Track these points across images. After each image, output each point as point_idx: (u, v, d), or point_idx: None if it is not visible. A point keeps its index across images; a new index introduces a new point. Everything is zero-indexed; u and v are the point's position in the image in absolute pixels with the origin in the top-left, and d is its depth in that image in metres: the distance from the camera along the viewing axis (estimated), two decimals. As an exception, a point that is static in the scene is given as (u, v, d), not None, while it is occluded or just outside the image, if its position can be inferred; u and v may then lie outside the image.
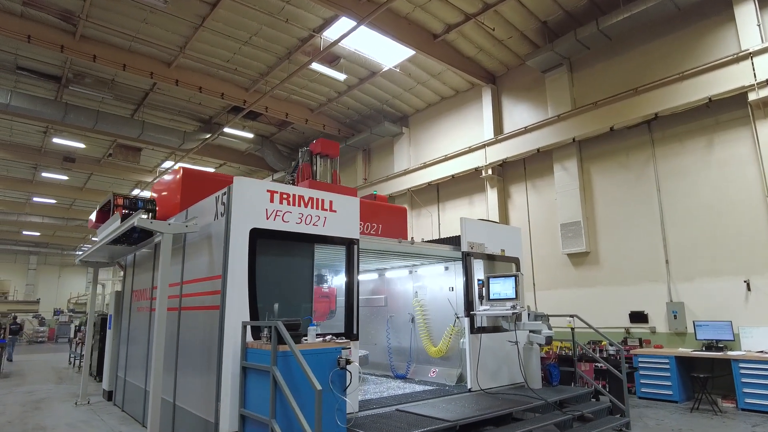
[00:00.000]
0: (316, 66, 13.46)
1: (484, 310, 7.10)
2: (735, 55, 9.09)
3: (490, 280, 7.36)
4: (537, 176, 12.76)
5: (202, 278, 6.02)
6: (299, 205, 5.80)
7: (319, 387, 3.88)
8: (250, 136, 18.89)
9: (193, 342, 6.06)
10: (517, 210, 13.14)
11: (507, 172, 13.57)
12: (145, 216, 6.51)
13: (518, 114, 13.30)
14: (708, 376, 8.36)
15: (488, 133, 13.58)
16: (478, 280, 7.57)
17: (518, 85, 13.52)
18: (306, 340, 4.70)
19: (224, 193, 5.57)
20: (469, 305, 7.44)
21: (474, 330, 7.36)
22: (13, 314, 23.43)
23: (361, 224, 8.27)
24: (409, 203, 16.12)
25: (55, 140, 19.24)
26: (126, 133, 16.63)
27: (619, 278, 10.73)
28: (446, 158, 14.56)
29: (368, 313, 10.18)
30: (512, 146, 12.80)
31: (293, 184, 8.93)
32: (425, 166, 15.26)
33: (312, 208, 5.90)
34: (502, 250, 8.29)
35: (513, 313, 6.62)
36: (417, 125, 16.54)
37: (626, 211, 10.81)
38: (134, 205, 7.83)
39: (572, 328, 7.80)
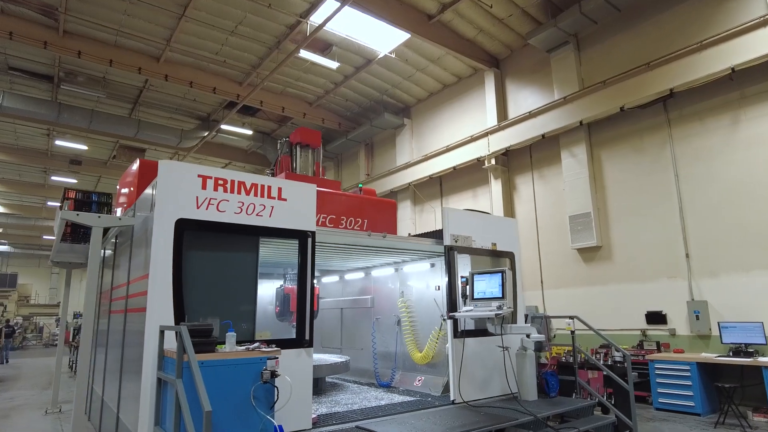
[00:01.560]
0: (307, 54, 12.75)
1: (466, 311, 6.21)
2: (762, 18, 7.95)
3: (475, 277, 6.47)
4: (544, 165, 11.74)
5: (138, 277, 5.34)
6: (239, 193, 5.04)
7: (207, 408, 3.11)
8: (249, 132, 18.34)
9: (132, 348, 5.39)
10: (523, 202, 12.14)
11: (512, 162, 12.58)
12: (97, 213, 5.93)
13: (523, 99, 12.31)
14: (736, 386, 7.27)
15: (492, 121, 12.63)
16: (462, 277, 6.69)
17: (523, 68, 12.52)
18: (224, 348, 3.93)
19: (158, 181, 4.87)
20: (452, 306, 6.56)
21: (457, 334, 6.47)
22: (6, 318, 23.79)
23: (343, 219, 7.59)
24: (412, 198, 15.27)
25: (58, 142, 19.11)
26: (122, 133, 16.29)
27: (634, 275, 9.66)
28: (447, 149, 13.66)
29: (354, 314, 9.39)
30: (516, 133, 11.82)
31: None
32: (426, 158, 14.39)
33: (255, 195, 5.14)
34: (494, 244, 7.37)
35: (496, 315, 5.71)
36: (419, 116, 15.68)
37: (641, 200, 9.73)
38: (89, 199, 7.27)
39: (572, 331, 6.83)
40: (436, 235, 7.12)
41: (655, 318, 9.14)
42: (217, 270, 4.99)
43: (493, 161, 12.32)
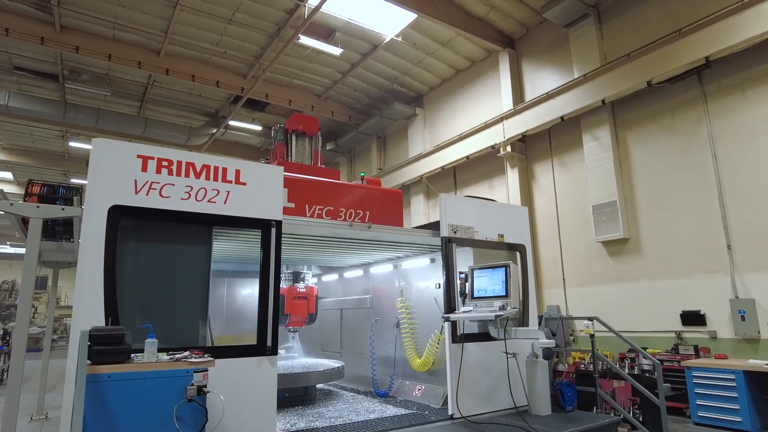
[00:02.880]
0: (308, 41, 12.08)
1: (464, 311, 5.35)
2: (815, -32, 6.83)
3: (475, 273, 5.61)
4: (564, 151, 10.72)
5: (83, 275, 4.72)
6: (187, 175, 4.35)
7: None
8: (259, 128, 17.84)
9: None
10: (542, 193, 11.14)
11: (530, 149, 11.59)
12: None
13: (541, 80, 11.30)
14: (790, 398, 6.18)
15: (507, 105, 11.66)
16: (460, 273, 5.83)
17: (540, 47, 11.52)
18: (140, 358, 3.21)
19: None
20: (450, 306, 5.72)
21: (456, 338, 5.63)
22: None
23: (342, 212, 6.85)
24: (425, 192, 14.41)
25: (72, 144, 19.04)
26: (129, 131, 15.95)
27: (666, 270, 8.58)
28: (460, 138, 12.75)
29: (354, 315, 8.63)
30: (533, 117, 10.83)
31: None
32: (438, 149, 13.51)
33: (208, 179, 4.43)
34: (500, 236, 6.48)
35: (496, 316, 4.84)
36: (432, 105, 14.80)
37: (674, 185, 8.64)
38: (55, 193, 6.74)
39: (591, 335, 5.88)
40: (435, 226, 6.29)
41: (692, 318, 8.04)
42: (160, 265, 4.29)
43: (509, 148, 11.36)
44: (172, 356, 3.31)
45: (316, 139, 8.97)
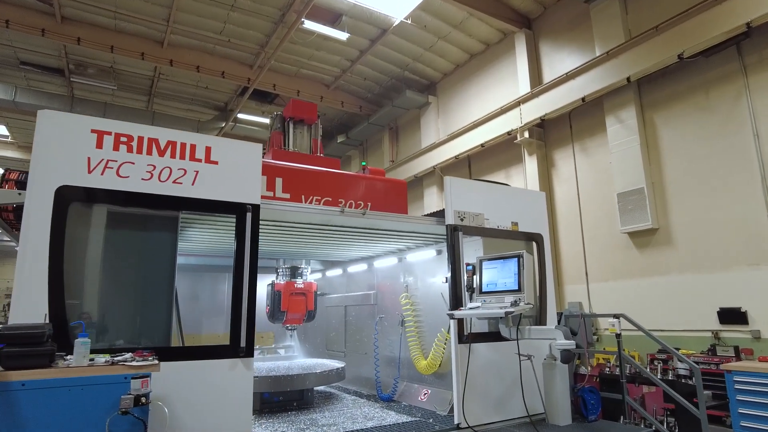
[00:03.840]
0: (312, 25, 11.53)
1: (471, 308, 4.72)
2: None
3: (483, 264, 4.98)
4: (586, 135, 9.95)
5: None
6: (150, 153, 3.83)
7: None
8: (268, 121, 17.36)
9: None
10: (563, 181, 10.39)
11: (549, 135, 10.84)
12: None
13: (560, 61, 10.54)
14: None
15: (525, 89, 10.93)
16: (467, 265, 5.21)
17: (558, 26, 10.75)
18: (68, 361, 2.69)
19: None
20: (456, 302, 5.10)
21: (463, 338, 5.00)
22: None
23: (341, 202, 6.30)
24: (439, 184, 13.75)
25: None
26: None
27: (701, 262, 7.78)
28: (474, 125, 12.06)
29: (358, 313, 8.07)
30: (552, 99, 10.09)
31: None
32: (451, 137, 12.83)
33: (173, 157, 3.91)
34: (514, 224, 5.83)
35: (507, 313, 4.20)
36: (445, 92, 14.12)
37: (709, 168, 7.83)
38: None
39: (617, 335, 5.19)
40: (441, 214, 5.67)
41: (732, 316, 7.24)
42: (117, 255, 3.79)
43: (526, 134, 10.63)
44: (108, 359, 2.78)
45: (315, 127, 8.45)
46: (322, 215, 4.79)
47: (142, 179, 3.76)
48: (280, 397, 6.14)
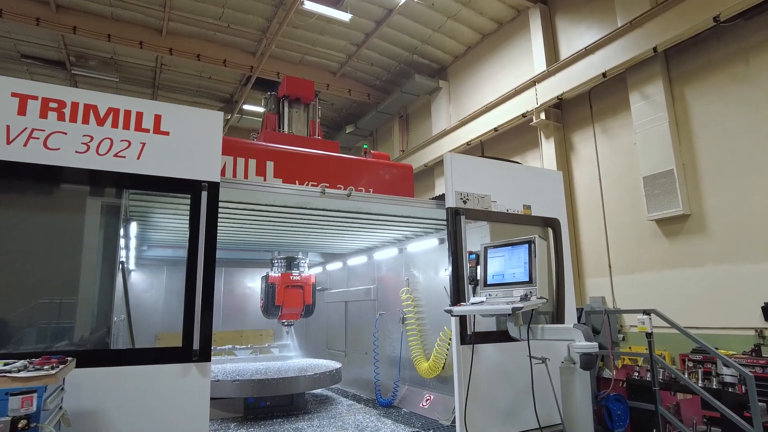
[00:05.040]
0: (314, 6, 10.88)
1: (473, 303, 4.04)
2: None
3: (489, 252, 4.28)
4: (608, 115, 9.12)
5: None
6: (86, 122, 3.25)
7: None
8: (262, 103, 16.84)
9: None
10: (583, 165, 9.58)
11: (567, 116, 10.03)
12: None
13: (578, 37, 9.70)
14: None
15: (540, 68, 10.13)
16: (470, 254, 4.53)
17: (577, -2, 9.92)
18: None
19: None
20: (458, 296, 4.42)
21: (466, 338, 4.33)
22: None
23: (339, 188, 5.69)
24: (450, 173, 13.01)
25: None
26: (139, 119, 15.29)
27: (741, 252, 6.94)
28: (487, 108, 11.30)
29: (359, 309, 7.45)
30: (570, 77, 9.28)
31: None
32: (462, 123, 12.09)
33: (115, 126, 3.32)
34: (527, 207, 5.12)
35: (514, 309, 3.51)
36: (457, 76, 13.37)
37: (749, 146, 6.97)
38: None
39: (648, 334, 4.44)
40: (442, 198, 4.99)
41: (778, 311, 6.40)
42: (43, 241, 3.22)
43: (542, 116, 9.84)
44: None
45: (312, 107, 7.86)
46: (299, 196, 4.16)
47: (77, 152, 3.18)
48: (266, 402, 5.56)
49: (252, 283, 8.52)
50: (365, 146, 8.83)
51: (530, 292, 3.82)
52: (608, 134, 9.08)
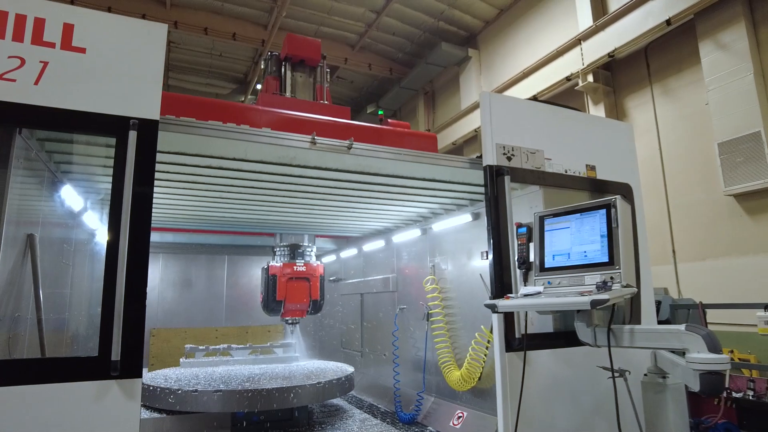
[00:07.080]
0: (326, -34, 9.80)
1: (526, 295, 2.86)
2: None
3: (546, 223, 3.09)
4: (670, 73, 7.72)
5: None
6: (-46, 29, 2.20)
7: None
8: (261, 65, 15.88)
9: None
10: (639, 134, 8.02)
11: (619, 78, 8.64)
12: None
13: (632, -16, 8.28)
14: None
15: (586, 23, 8.75)
16: (518, 227, 3.35)
17: (631, -62, 8.47)
18: None
19: None
20: (500, 285, 3.24)
21: (514, 343, 3.16)
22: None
23: None
24: (480, 150, 11.75)
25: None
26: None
27: None
28: (524, 74, 9.98)
29: (376, 302, 6.34)
30: (623, 30, 7.90)
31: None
32: (496, 92, 10.79)
33: (2, 38, 2.28)
34: (590, 168, 3.90)
35: (593, 303, 2.33)
36: (488, 44, 12.03)
37: None
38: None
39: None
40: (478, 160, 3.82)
41: None
42: None
43: (590, 78, 8.49)
44: None
45: (319, 70, 6.74)
46: (279, 146, 3.03)
47: (-61, 72, 2.14)
48: (260, 416, 4.53)
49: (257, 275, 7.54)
50: (381, 112, 7.64)
51: (611, 278, 2.63)
52: (671, 96, 7.68)
